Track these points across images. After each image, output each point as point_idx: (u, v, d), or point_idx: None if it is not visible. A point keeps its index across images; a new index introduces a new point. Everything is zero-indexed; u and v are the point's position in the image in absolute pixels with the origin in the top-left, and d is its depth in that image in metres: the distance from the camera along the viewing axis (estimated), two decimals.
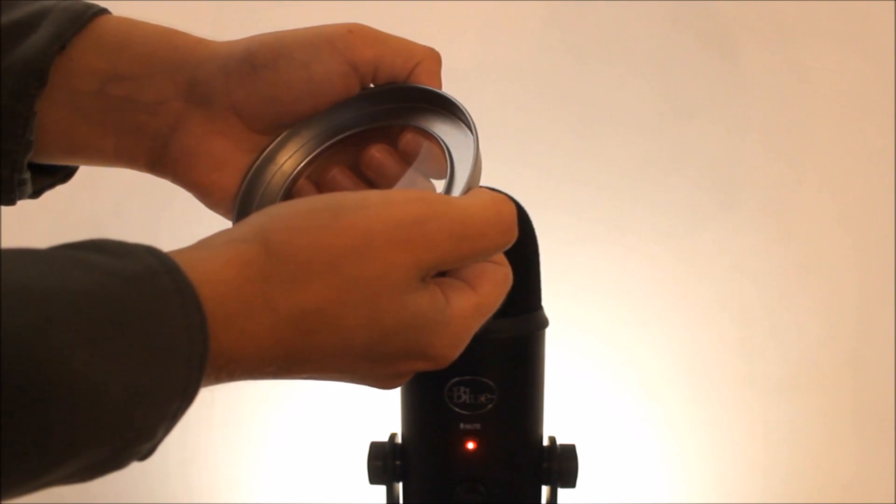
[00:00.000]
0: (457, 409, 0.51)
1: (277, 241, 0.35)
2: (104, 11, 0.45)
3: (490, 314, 0.41)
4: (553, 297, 0.55)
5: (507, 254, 0.51)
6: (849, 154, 1.02)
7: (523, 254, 0.52)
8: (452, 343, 0.40)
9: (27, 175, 0.45)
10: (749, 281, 1.03)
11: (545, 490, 0.55)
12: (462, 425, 0.51)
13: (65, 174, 0.48)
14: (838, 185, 1.02)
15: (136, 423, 0.31)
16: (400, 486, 0.55)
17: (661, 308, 1.04)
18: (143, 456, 0.33)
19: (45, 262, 0.30)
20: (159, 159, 0.45)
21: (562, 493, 0.55)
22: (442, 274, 0.40)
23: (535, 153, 1.01)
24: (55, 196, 0.50)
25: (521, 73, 1.01)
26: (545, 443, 0.55)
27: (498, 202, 0.40)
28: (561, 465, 0.54)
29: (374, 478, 0.54)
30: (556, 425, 0.56)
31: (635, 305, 1.03)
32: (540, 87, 1.01)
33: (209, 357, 0.32)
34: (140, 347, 0.30)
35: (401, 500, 0.55)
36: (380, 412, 1.01)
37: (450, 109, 0.45)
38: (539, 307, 0.53)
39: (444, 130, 0.44)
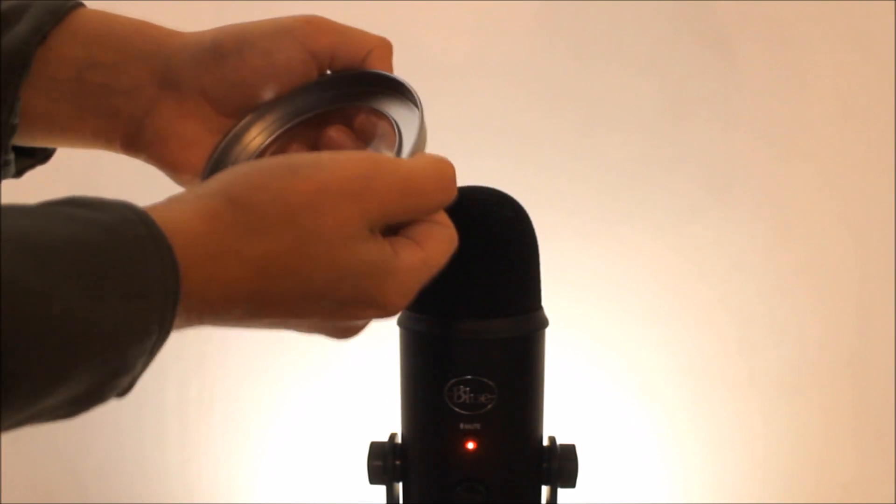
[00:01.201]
0: (457, 409, 0.51)
1: (240, 194, 0.39)
2: (80, 5, 0.49)
3: (435, 270, 0.44)
4: (553, 297, 0.55)
5: (507, 253, 0.51)
6: (849, 153, 1.02)
7: (523, 254, 0.52)
8: (400, 292, 0.43)
9: (11, 156, 0.48)
10: (749, 280, 1.03)
11: (545, 490, 0.55)
12: (462, 425, 0.51)
13: (43, 156, 0.52)
14: (838, 183, 1.02)
15: (118, 354, 0.34)
16: (400, 486, 0.55)
17: (660, 308, 1.04)
18: (123, 391, 0.37)
19: (32, 215, 0.34)
20: (134, 140, 0.49)
21: (562, 493, 0.55)
22: (393, 234, 0.43)
23: (534, 152, 1.01)
24: (55, 192, 0.50)
25: (519, 72, 1.01)
26: (545, 443, 0.55)
27: (438, 162, 0.44)
28: (561, 465, 0.54)
29: (374, 478, 0.54)
30: (555, 425, 0.56)
31: (634, 305, 1.03)
32: (538, 86, 1.01)
33: (181, 297, 0.36)
34: (121, 287, 0.33)
35: (401, 500, 0.55)
36: (380, 412, 1.01)
37: (399, 91, 0.48)
38: (539, 307, 0.53)
39: (395, 109, 0.48)
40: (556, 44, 1.01)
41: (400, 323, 0.53)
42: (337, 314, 0.43)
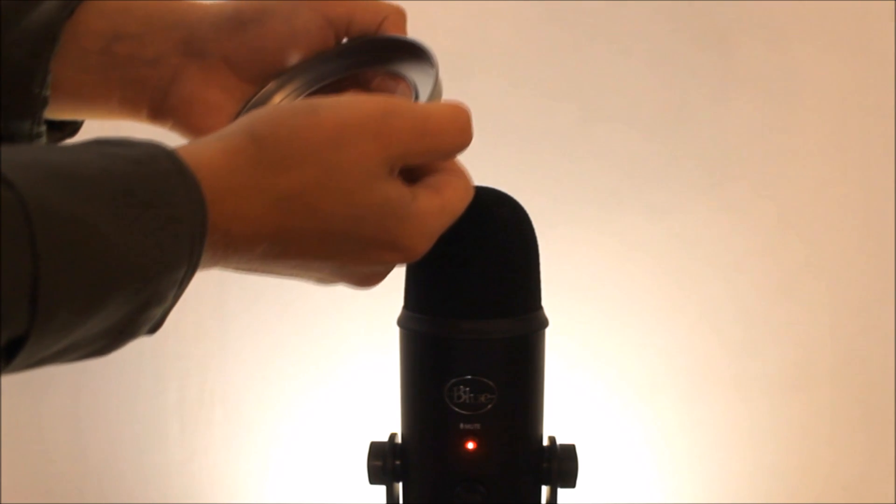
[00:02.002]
0: (457, 409, 0.51)
1: (262, 133, 0.40)
2: None
3: (453, 218, 0.45)
4: (553, 297, 0.55)
5: (507, 253, 0.51)
6: (849, 152, 1.02)
7: (523, 254, 0.52)
8: (420, 234, 0.44)
9: (43, 128, 0.50)
10: (750, 278, 1.03)
11: (545, 490, 0.55)
12: (462, 425, 0.51)
13: (72, 129, 0.54)
14: (839, 181, 1.02)
15: (151, 283, 0.35)
16: (400, 486, 0.55)
17: (661, 307, 1.04)
18: (154, 326, 0.37)
19: (61, 150, 0.35)
20: (160, 108, 0.51)
21: (562, 493, 0.55)
22: (410, 183, 0.45)
23: (533, 151, 1.01)
24: None
25: (517, 69, 1.01)
26: (545, 443, 0.55)
27: (454, 106, 0.45)
28: (561, 465, 0.54)
29: (374, 478, 0.54)
30: (555, 425, 0.56)
31: (635, 304, 1.03)
32: (536, 84, 1.01)
33: (208, 230, 0.37)
34: (152, 217, 0.34)
35: (401, 500, 0.55)
36: (380, 412, 1.01)
37: (416, 53, 0.50)
38: (539, 307, 0.53)
39: (411, 71, 0.50)
40: (555, 41, 1.01)
41: (400, 323, 0.53)
42: (359, 257, 0.43)
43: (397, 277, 0.55)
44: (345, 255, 0.43)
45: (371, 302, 1.05)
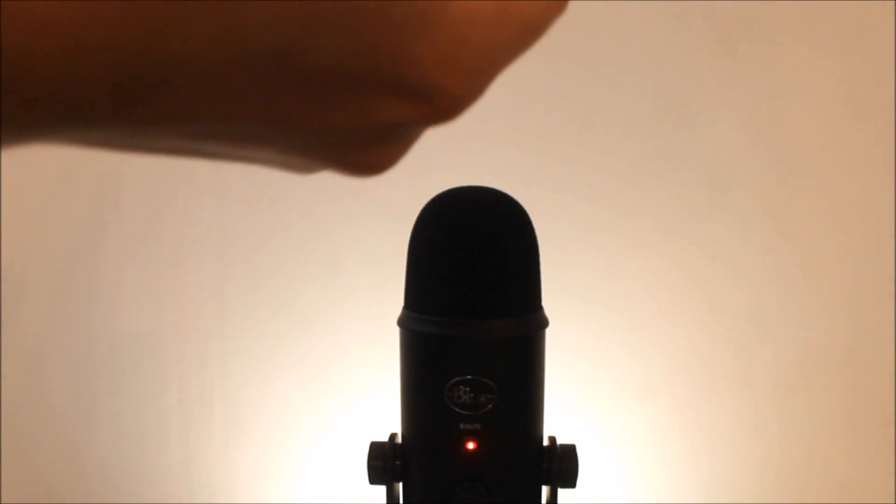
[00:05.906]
0: (457, 409, 0.51)
1: None
2: None
3: (524, 31, 0.24)
4: (553, 297, 0.55)
5: (507, 253, 0.51)
6: (848, 154, 1.02)
7: (523, 254, 0.52)
8: (449, 56, 0.22)
9: None
10: (748, 281, 1.03)
11: (545, 490, 0.55)
12: (462, 425, 0.51)
13: None
14: (838, 184, 1.02)
15: None
16: (400, 486, 0.55)
17: (660, 308, 1.04)
18: None
19: None
20: None
21: (562, 493, 0.55)
22: None
23: (533, 152, 1.01)
24: (56, 192, 0.50)
25: (517, 70, 1.01)
26: (545, 443, 0.55)
27: None
28: (561, 465, 0.54)
29: (374, 478, 0.54)
30: (554, 425, 0.56)
31: (634, 305, 1.03)
32: (536, 85, 1.01)
33: None
34: None
35: (401, 501, 0.55)
36: (380, 412, 1.01)
37: None
38: (539, 307, 0.53)
39: None
40: (555, 41, 1.01)
41: (400, 323, 0.53)
42: (343, 107, 0.21)
43: (397, 278, 0.55)
44: (312, 102, 0.20)
45: (371, 302, 1.05)
